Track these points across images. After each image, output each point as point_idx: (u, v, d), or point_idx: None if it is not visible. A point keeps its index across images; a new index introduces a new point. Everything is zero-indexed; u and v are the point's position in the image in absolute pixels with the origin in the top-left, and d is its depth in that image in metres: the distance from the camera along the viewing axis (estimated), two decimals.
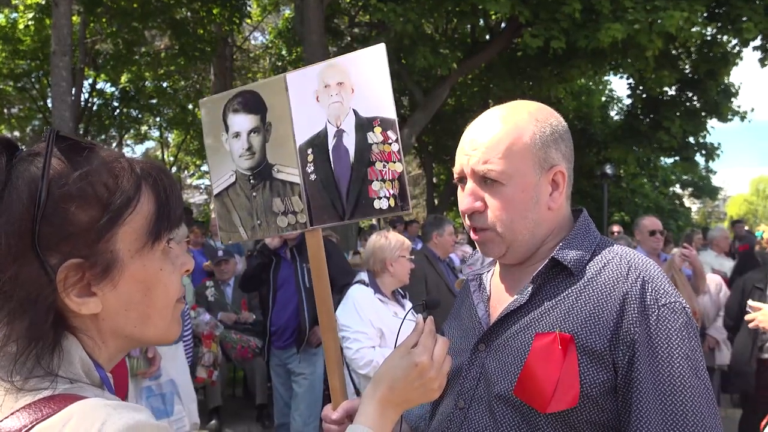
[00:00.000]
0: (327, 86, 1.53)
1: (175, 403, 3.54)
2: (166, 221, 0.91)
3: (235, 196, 1.67)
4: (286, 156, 1.59)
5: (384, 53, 1.47)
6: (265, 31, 21.92)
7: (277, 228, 1.62)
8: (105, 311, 0.87)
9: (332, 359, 1.54)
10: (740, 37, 10.94)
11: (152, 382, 3.49)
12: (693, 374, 1.15)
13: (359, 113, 1.50)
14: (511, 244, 1.32)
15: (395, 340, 1.41)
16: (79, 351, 0.85)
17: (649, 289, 1.21)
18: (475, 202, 1.32)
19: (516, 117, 1.33)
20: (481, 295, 1.45)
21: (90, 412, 0.76)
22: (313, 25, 10.34)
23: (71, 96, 9.64)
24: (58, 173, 0.82)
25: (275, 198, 1.60)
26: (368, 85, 1.48)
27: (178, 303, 0.97)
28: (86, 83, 17.31)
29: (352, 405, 1.47)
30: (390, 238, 3.88)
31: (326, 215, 1.55)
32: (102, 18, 14.32)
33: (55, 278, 0.81)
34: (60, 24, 8.86)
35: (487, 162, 1.29)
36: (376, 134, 1.48)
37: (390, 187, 1.48)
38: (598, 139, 18.61)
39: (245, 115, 1.64)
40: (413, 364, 1.20)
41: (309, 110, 1.56)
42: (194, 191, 30.00)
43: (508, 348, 1.29)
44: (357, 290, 3.72)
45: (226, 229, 1.70)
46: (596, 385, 1.18)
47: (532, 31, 10.28)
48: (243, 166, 1.64)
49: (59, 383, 0.81)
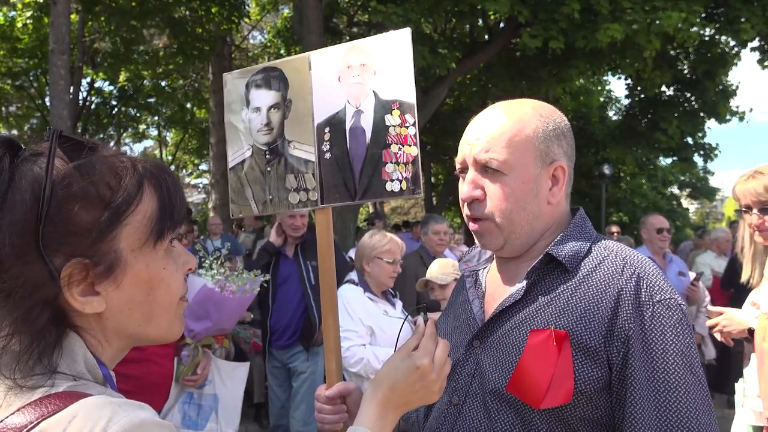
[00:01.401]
0: (350, 67, 1.54)
1: (210, 420, 3.33)
2: (169, 220, 0.91)
3: (249, 170, 1.68)
4: (304, 133, 1.60)
5: (409, 38, 1.48)
6: (263, 31, 21.91)
7: (288, 204, 1.63)
8: (108, 310, 0.87)
9: (331, 340, 1.54)
10: (738, 38, 10.96)
11: (196, 390, 3.32)
12: (688, 370, 1.16)
13: (379, 95, 1.51)
14: (509, 235, 1.32)
15: (395, 344, 1.41)
16: (83, 349, 0.86)
17: (644, 286, 1.21)
18: (475, 190, 1.33)
19: (520, 110, 1.35)
20: (476, 292, 1.45)
21: (95, 410, 0.76)
22: (312, 25, 10.33)
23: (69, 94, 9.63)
24: (61, 173, 0.83)
25: (289, 174, 1.62)
26: (390, 68, 1.49)
27: (181, 301, 0.97)
28: (84, 82, 17.31)
29: (346, 387, 1.47)
30: (372, 238, 3.81)
31: (338, 194, 1.56)
32: (100, 16, 14.29)
33: (59, 278, 0.82)
34: (58, 22, 8.85)
35: (489, 151, 1.30)
36: (394, 117, 1.49)
37: (403, 170, 1.48)
38: (597, 139, 18.64)
39: (267, 91, 1.66)
40: (414, 366, 1.20)
41: (330, 89, 1.57)
42: (193, 190, 29.98)
43: (502, 344, 1.29)
44: (347, 289, 3.69)
45: (237, 203, 1.72)
46: (590, 381, 1.18)
47: (530, 31, 10.28)
48: (260, 141, 1.66)
49: (63, 381, 0.82)
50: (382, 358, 3.43)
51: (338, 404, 1.47)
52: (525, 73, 13.81)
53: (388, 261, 3.67)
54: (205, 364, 3.28)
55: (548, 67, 13.15)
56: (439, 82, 12.47)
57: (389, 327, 3.56)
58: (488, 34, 13.95)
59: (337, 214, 10.18)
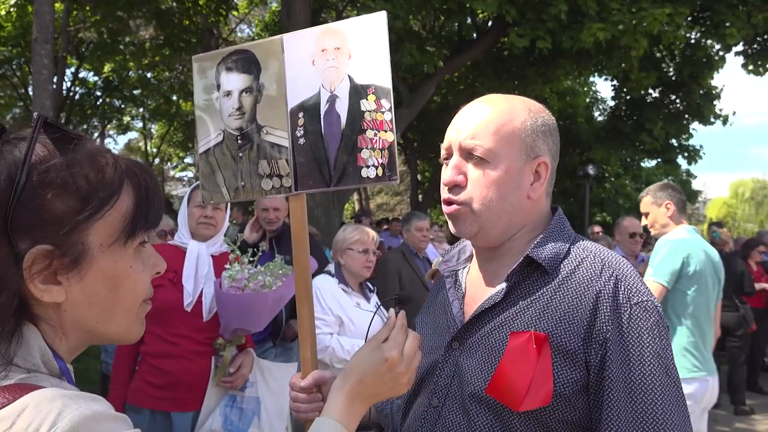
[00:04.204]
0: (324, 50, 1.51)
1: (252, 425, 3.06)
2: (142, 220, 0.91)
3: (221, 156, 1.64)
4: (277, 118, 1.57)
5: (385, 21, 1.46)
6: (251, 24, 21.77)
7: (261, 191, 1.60)
8: (68, 302, 0.86)
9: (305, 329, 1.53)
10: (723, 42, 11.06)
11: (238, 392, 3.08)
12: (663, 372, 1.17)
13: (354, 80, 1.48)
14: (484, 223, 1.32)
15: (366, 334, 1.41)
16: (39, 340, 0.84)
17: (622, 288, 1.22)
18: (458, 175, 1.33)
19: (510, 103, 1.36)
20: (456, 293, 1.45)
21: (45, 403, 0.75)
22: (300, 20, 10.27)
23: (52, 84, 9.50)
24: (40, 159, 0.83)
25: (262, 160, 1.58)
26: (366, 52, 1.47)
27: (144, 304, 0.96)
28: (68, 72, 17.10)
29: (321, 375, 1.47)
30: (344, 231, 3.86)
31: (312, 180, 1.54)
32: (86, 6, 14.14)
33: (22, 262, 0.81)
34: (42, 11, 8.73)
35: (475, 137, 1.30)
36: (369, 102, 1.47)
37: (379, 156, 1.47)
38: (582, 140, 18.75)
39: (238, 74, 1.62)
40: (383, 358, 1.21)
41: (303, 73, 1.54)
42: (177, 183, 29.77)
43: (482, 346, 1.29)
44: (321, 279, 3.75)
45: (208, 189, 1.67)
46: (569, 383, 1.19)
47: (518, 30, 10.31)
48: (232, 126, 1.62)
49: (16, 373, 0.81)
50: (347, 347, 3.49)
51: (313, 393, 1.46)
52: (512, 73, 13.87)
53: (359, 251, 3.72)
54: (239, 364, 3.03)
55: (535, 67, 13.21)
56: (426, 79, 12.48)
57: (359, 319, 3.60)
58: (476, 33, 13.96)
59: (322, 210, 10.15)
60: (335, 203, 10.47)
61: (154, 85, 18.74)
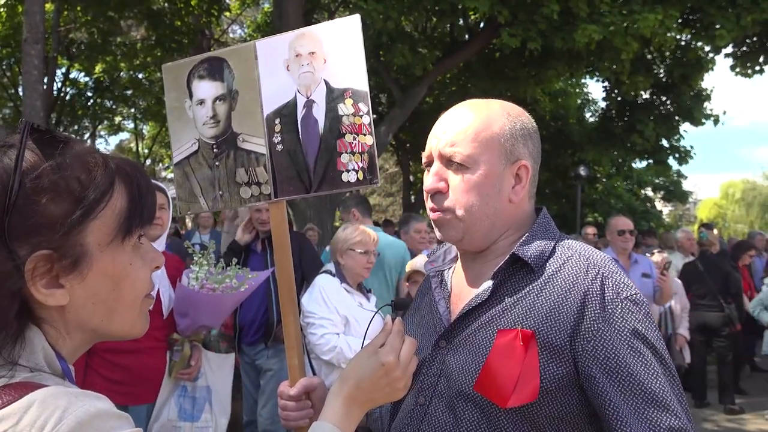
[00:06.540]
0: (298, 55, 1.51)
1: (204, 411, 3.47)
2: (138, 217, 0.92)
3: (197, 165, 1.62)
4: (253, 125, 1.55)
5: (359, 24, 1.45)
6: (243, 25, 21.72)
7: (240, 199, 1.58)
8: (71, 304, 0.87)
9: (291, 336, 1.53)
10: (713, 44, 11.13)
11: (189, 383, 3.44)
12: (659, 361, 1.20)
13: (330, 84, 1.48)
14: (468, 228, 1.34)
15: (362, 339, 1.41)
16: (42, 342, 0.86)
17: (610, 284, 1.24)
18: (439, 182, 1.34)
19: (488, 108, 1.37)
20: (442, 292, 1.46)
21: (51, 400, 0.76)
22: (292, 21, 10.25)
23: (43, 85, 9.45)
24: (31, 165, 0.83)
25: (239, 168, 1.57)
26: (341, 56, 1.47)
27: (146, 299, 0.98)
28: (59, 72, 17.00)
29: (310, 382, 1.48)
30: (345, 231, 3.86)
31: (292, 187, 1.53)
32: (76, 6, 14.06)
33: (24, 268, 0.82)
34: (32, 11, 8.68)
35: (455, 145, 1.32)
36: (347, 106, 1.46)
37: (359, 160, 1.46)
38: (574, 141, 18.82)
39: (211, 82, 1.60)
40: (380, 363, 1.22)
41: (278, 79, 1.53)
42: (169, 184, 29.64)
43: (469, 345, 1.31)
44: (323, 279, 3.75)
45: (185, 199, 1.65)
46: (555, 379, 1.21)
47: (510, 30, 10.34)
48: (206, 135, 1.60)
49: (20, 372, 0.82)
50: (355, 348, 3.48)
51: (303, 400, 1.47)
52: (504, 74, 13.89)
53: (360, 252, 3.73)
54: (197, 357, 3.39)
55: (527, 69, 13.24)
56: (418, 80, 12.48)
57: (363, 319, 3.61)
58: (468, 34, 13.99)
59: (314, 212, 10.14)
60: (327, 205, 10.46)
61: (145, 85, 18.63)
